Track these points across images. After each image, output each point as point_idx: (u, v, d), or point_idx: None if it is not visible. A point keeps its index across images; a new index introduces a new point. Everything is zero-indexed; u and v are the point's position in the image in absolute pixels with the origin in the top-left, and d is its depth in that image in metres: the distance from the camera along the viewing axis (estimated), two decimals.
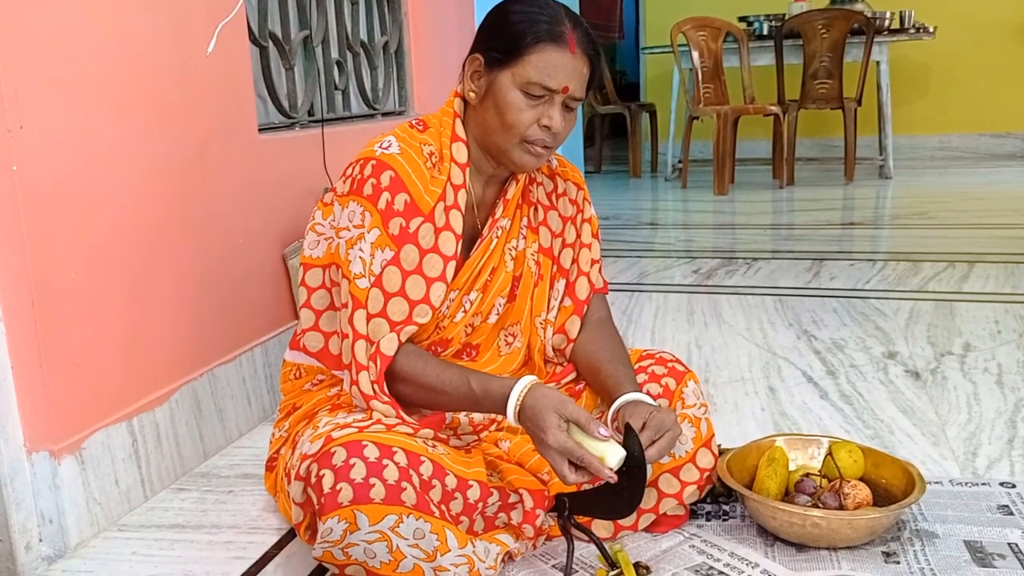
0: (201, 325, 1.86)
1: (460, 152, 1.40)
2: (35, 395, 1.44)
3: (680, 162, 6.04)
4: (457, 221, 1.38)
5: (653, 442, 1.30)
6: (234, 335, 1.98)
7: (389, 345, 1.32)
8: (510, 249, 1.50)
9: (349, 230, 1.34)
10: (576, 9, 4.65)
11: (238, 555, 1.47)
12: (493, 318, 1.49)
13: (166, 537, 1.55)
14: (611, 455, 1.23)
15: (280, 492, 1.47)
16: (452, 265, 1.37)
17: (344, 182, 1.38)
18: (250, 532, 1.55)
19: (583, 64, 1.34)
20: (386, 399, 1.31)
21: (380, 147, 1.35)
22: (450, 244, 1.37)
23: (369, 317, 1.32)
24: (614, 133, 8.66)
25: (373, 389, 1.31)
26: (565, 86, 1.32)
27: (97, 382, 1.58)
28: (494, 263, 1.47)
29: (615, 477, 1.23)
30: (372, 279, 1.32)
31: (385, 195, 1.32)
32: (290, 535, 1.52)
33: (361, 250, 1.32)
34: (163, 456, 1.73)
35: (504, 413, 1.28)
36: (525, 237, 1.52)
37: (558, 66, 1.31)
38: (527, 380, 1.28)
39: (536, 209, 1.54)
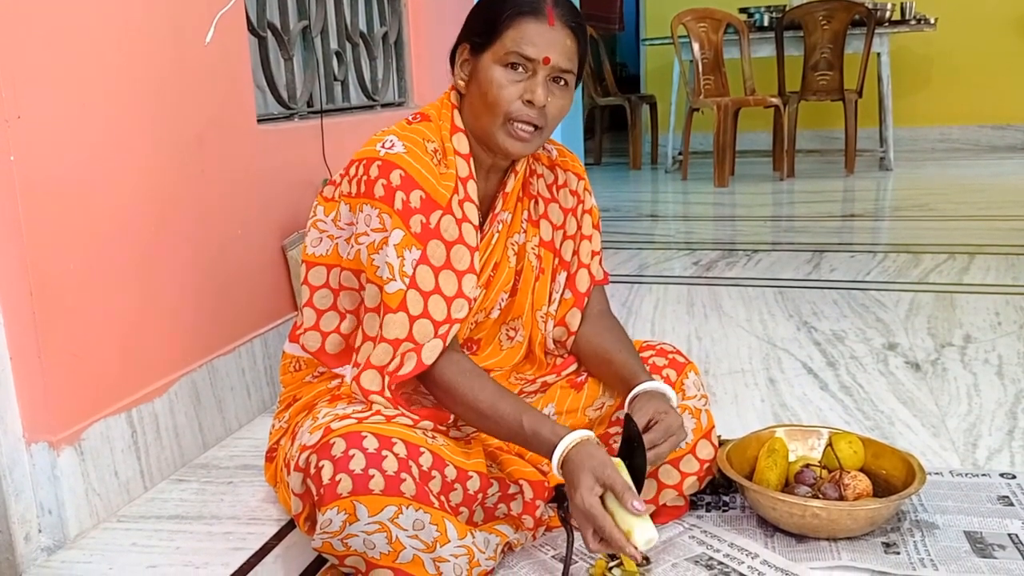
0: (200, 316, 1.85)
1: (461, 143, 1.38)
2: (34, 386, 1.44)
3: (680, 154, 6.03)
4: (473, 213, 1.35)
5: (654, 445, 1.29)
6: (233, 326, 1.97)
7: (430, 353, 1.28)
8: (512, 244, 1.48)
9: (368, 235, 1.30)
10: (575, 2, 4.65)
11: (238, 546, 1.47)
12: (495, 313, 1.48)
13: (165, 528, 1.55)
14: (639, 532, 1.16)
15: (280, 483, 1.46)
16: (477, 256, 1.35)
17: (350, 182, 1.35)
18: (250, 523, 1.55)
19: (565, 36, 1.32)
20: (388, 395, 1.29)
21: (383, 147, 1.32)
22: (472, 235, 1.34)
23: (412, 320, 1.27)
24: (614, 125, 8.65)
25: (382, 383, 1.28)
26: (546, 56, 1.30)
27: (96, 373, 1.57)
28: (496, 258, 1.45)
29: (639, 556, 1.18)
30: (407, 280, 1.28)
31: (399, 194, 1.29)
32: (290, 526, 1.52)
33: (387, 255, 1.28)
34: (162, 447, 1.72)
35: (549, 457, 1.24)
36: (526, 231, 1.51)
37: (535, 36, 1.30)
38: (578, 435, 1.23)
39: (537, 202, 1.53)
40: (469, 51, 1.36)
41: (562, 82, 1.34)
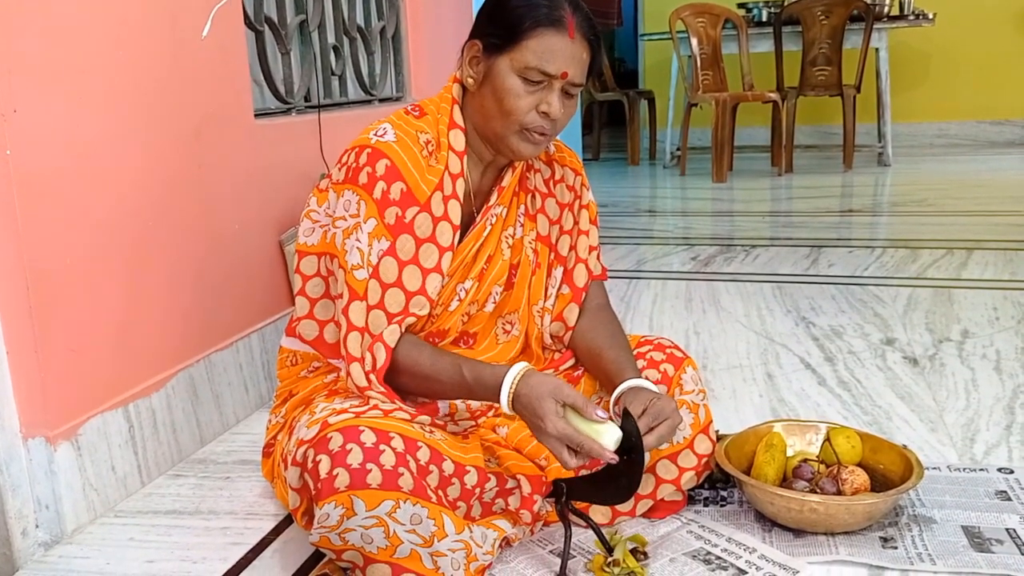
0: (197, 311, 1.85)
1: (458, 139, 1.38)
2: (31, 381, 1.44)
3: (679, 149, 6.03)
4: (455, 211, 1.36)
5: (651, 429, 1.29)
6: (231, 321, 1.97)
7: (391, 336, 1.30)
8: (507, 237, 1.48)
9: (345, 219, 1.33)
10: None
11: (235, 541, 1.47)
12: (490, 306, 1.48)
13: (163, 523, 1.55)
14: (608, 436, 1.23)
15: (277, 478, 1.46)
16: (448, 256, 1.36)
17: (339, 169, 1.37)
18: (247, 518, 1.55)
19: (583, 49, 1.33)
20: (381, 389, 1.30)
21: (376, 135, 1.34)
22: (447, 235, 1.35)
23: (368, 309, 1.30)
24: (612, 120, 8.63)
25: (368, 379, 1.30)
26: (564, 71, 1.31)
27: (93, 368, 1.57)
28: (489, 251, 1.45)
29: (615, 458, 1.23)
30: (370, 270, 1.30)
31: (381, 184, 1.31)
32: (287, 521, 1.52)
33: (358, 240, 1.30)
34: (160, 442, 1.72)
35: (497, 401, 1.27)
36: (523, 225, 1.51)
37: (557, 51, 1.30)
38: (520, 367, 1.27)
39: (533, 196, 1.53)
40: (481, 50, 1.35)
41: (573, 92, 1.35)
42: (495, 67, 1.33)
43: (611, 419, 1.25)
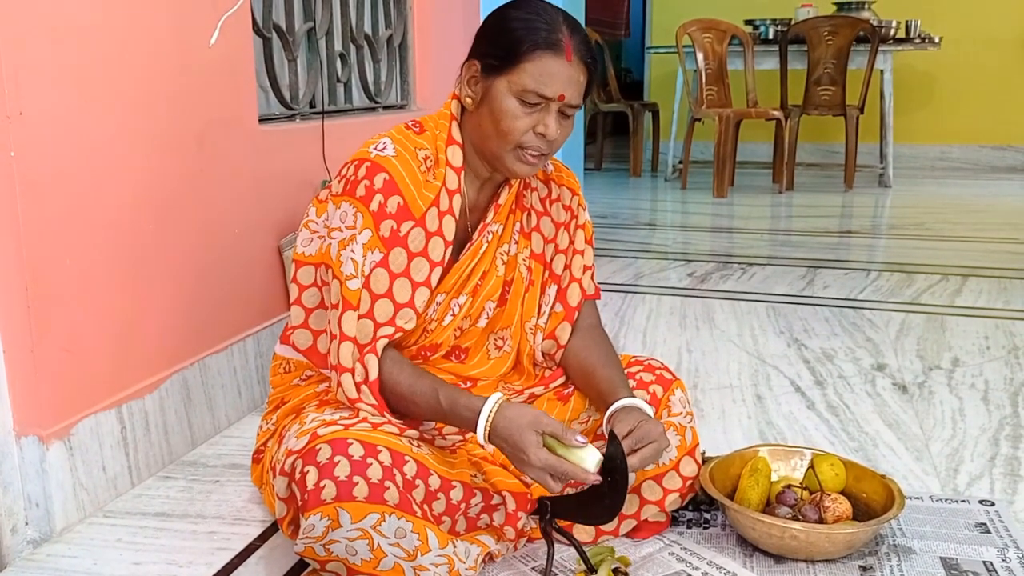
0: (194, 314, 1.87)
1: (456, 156, 1.40)
2: (26, 380, 1.45)
3: (681, 162, 6.05)
4: (450, 227, 1.38)
5: (635, 450, 1.31)
6: (226, 325, 1.99)
7: (379, 348, 1.32)
8: (501, 254, 1.50)
9: (341, 231, 1.34)
10: (583, 6, 4.65)
11: (221, 546, 1.49)
12: (483, 322, 1.50)
13: (151, 525, 1.56)
14: (589, 460, 1.25)
15: (265, 485, 1.48)
16: (438, 271, 1.38)
17: (339, 182, 1.39)
18: (234, 523, 1.56)
19: (580, 72, 1.34)
20: (373, 401, 1.31)
21: (375, 148, 1.36)
22: (439, 250, 1.37)
23: (359, 318, 1.32)
24: (616, 131, 8.66)
25: (359, 391, 1.31)
26: (561, 94, 1.32)
27: (88, 368, 1.59)
28: (484, 267, 1.47)
29: (599, 479, 1.25)
30: (363, 280, 1.32)
31: (378, 197, 1.32)
32: (274, 528, 1.53)
33: (353, 251, 1.32)
34: (151, 444, 1.74)
35: (473, 431, 1.27)
36: (517, 242, 1.52)
37: (554, 74, 1.31)
38: (495, 399, 1.27)
39: (529, 215, 1.54)
40: (480, 70, 1.37)
41: (569, 113, 1.37)
42: (493, 88, 1.35)
43: (589, 443, 1.27)
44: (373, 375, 1.31)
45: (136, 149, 1.68)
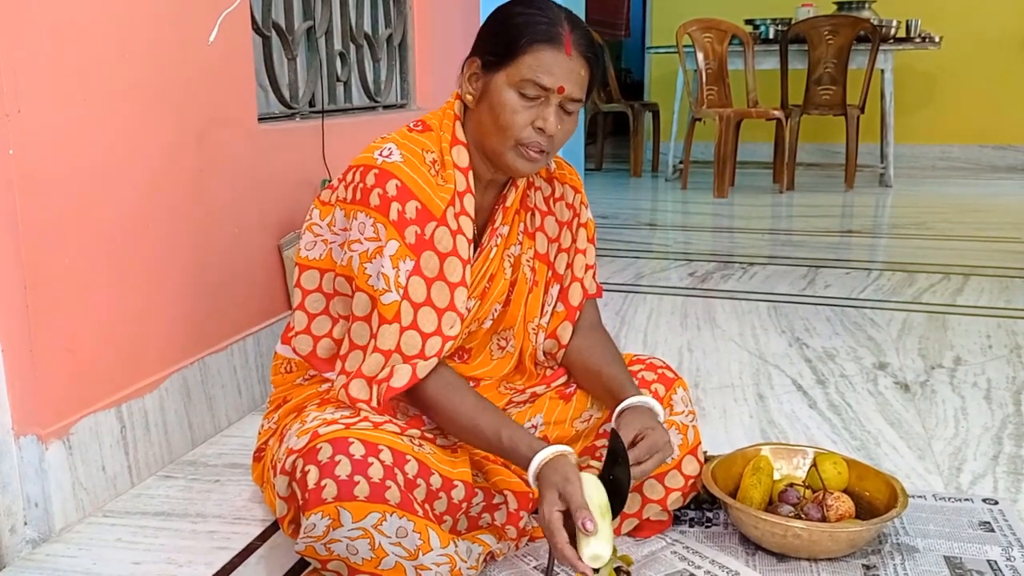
0: (194, 313, 1.86)
1: (461, 156, 1.39)
2: (25, 379, 1.45)
3: (681, 162, 6.04)
4: (468, 226, 1.36)
5: (639, 462, 1.30)
6: (227, 324, 1.98)
7: (424, 368, 1.29)
8: (508, 256, 1.49)
9: (362, 243, 1.31)
10: (583, 6, 4.65)
11: (222, 545, 1.48)
12: (488, 323, 1.49)
13: (151, 524, 1.55)
14: (585, 549, 1.17)
15: (266, 484, 1.47)
16: (469, 269, 1.36)
17: (346, 188, 1.36)
18: (234, 522, 1.56)
19: (580, 66, 1.33)
20: (375, 405, 1.30)
21: (381, 155, 1.33)
22: (465, 248, 1.35)
23: (402, 331, 1.29)
24: (617, 131, 8.66)
25: (370, 393, 1.29)
26: (560, 86, 1.31)
27: (87, 368, 1.58)
28: (493, 270, 1.46)
29: (588, 569, 1.17)
30: (400, 291, 1.29)
31: (395, 205, 1.30)
32: (274, 527, 1.52)
33: (382, 266, 1.29)
34: (151, 443, 1.73)
35: (526, 471, 1.26)
36: (521, 243, 1.51)
37: (552, 65, 1.30)
38: (552, 451, 1.24)
39: (533, 214, 1.53)
40: (480, 67, 1.36)
41: (571, 109, 1.35)
42: (492, 83, 1.34)
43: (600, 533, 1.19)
44: (399, 384, 1.28)
45: (136, 147, 1.67)
